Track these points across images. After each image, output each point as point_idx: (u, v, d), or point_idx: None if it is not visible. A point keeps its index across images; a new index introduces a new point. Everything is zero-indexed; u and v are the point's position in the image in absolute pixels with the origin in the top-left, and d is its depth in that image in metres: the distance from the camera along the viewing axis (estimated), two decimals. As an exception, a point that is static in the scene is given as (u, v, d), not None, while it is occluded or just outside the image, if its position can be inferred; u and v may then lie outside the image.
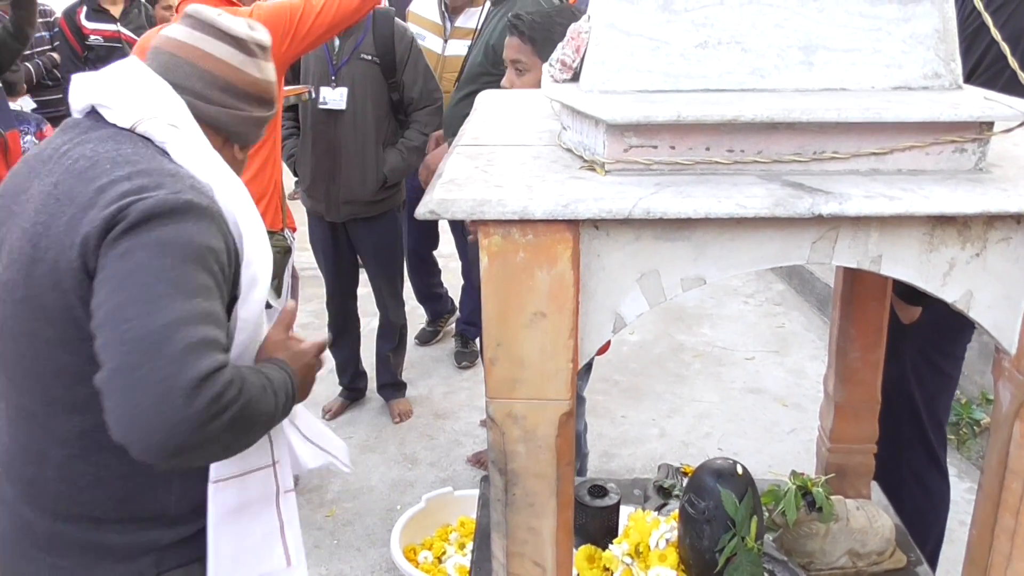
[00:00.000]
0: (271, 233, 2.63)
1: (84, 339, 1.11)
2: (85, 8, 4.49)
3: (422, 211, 1.05)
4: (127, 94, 1.24)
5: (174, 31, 1.32)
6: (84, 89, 1.26)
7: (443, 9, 3.74)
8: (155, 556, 1.28)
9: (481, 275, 1.09)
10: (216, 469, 1.26)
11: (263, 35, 1.37)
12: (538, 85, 2.41)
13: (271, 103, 1.41)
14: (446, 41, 3.69)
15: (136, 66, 1.29)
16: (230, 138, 1.37)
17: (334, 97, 3.12)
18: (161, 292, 1.07)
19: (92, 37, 4.44)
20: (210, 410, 1.05)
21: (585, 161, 1.20)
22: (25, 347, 1.19)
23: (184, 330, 1.06)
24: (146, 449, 1.04)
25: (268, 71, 1.38)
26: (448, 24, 3.74)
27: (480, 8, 3.73)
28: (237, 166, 1.40)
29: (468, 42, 3.62)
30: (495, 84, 2.49)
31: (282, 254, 2.64)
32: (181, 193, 1.14)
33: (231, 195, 1.25)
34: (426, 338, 4.32)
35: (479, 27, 3.20)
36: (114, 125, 1.23)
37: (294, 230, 2.85)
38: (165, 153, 1.22)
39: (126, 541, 1.26)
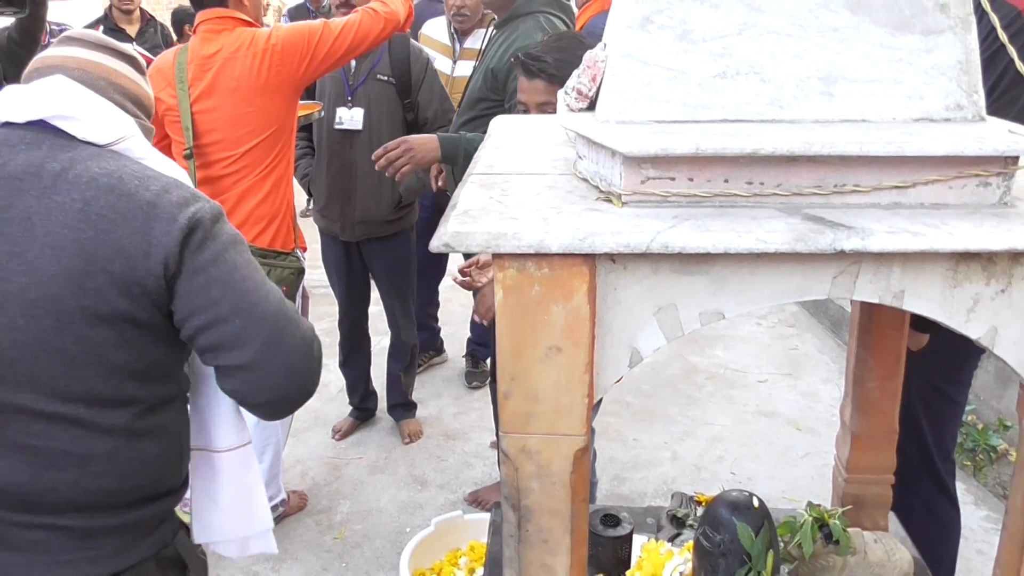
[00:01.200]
0: (283, 254, 2.63)
1: (139, 337, 1.30)
2: (102, 28, 4.54)
3: (436, 244, 1.03)
4: (92, 108, 1.34)
5: (69, 52, 1.41)
6: (30, 101, 1.32)
7: (452, 31, 3.76)
8: (168, 524, 1.46)
9: (496, 308, 1.08)
10: (226, 439, 1.53)
11: (143, 61, 1.58)
12: None
13: (151, 116, 1.59)
14: (455, 62, 3.71)
15: (70, 81, 1.36)
16: None
17: (350, 117, 3.12)
18: (260, 279, 1.35)
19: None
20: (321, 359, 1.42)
21: (601, 192, 1.18)
22: (75, 355, 1.27)
23: (287, 302, 1.38)
24: (304, 394, 1.39)
25: (150, 88, 1.57)
26: (457, 45, 3.76)
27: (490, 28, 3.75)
28: None
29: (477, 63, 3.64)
30: (495, 109, 2.47)
31: (296, 275, 2.64)
32: (209, 199, 1.37)
33: None
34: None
35: (482, 49, 3.19)
36: (85, 141, 1.31)
37: (304, 250, 2.85)
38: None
39: (152, 513, 1.41)
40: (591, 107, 1.28)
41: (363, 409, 3.70)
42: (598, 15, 5.33)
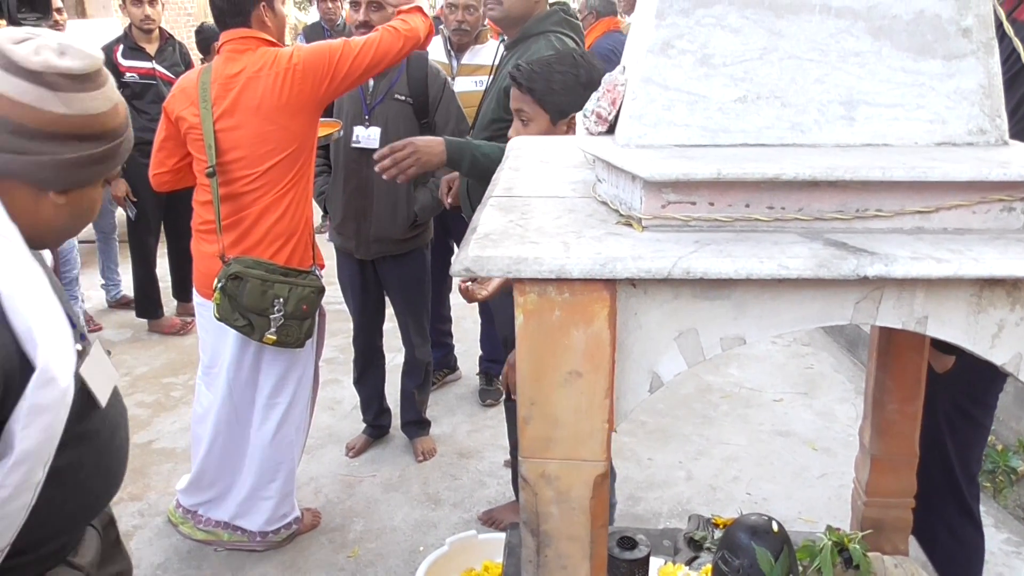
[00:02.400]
0: (303, 272, 2.64)
1: None
2: (122, 46, 4.58)
3: (457, 268, 1.04)
4: None
5: None
6: None
7: (449, 48, 3.81)
8: None
9: (516, 333, 1.08)
10: None
11: (72, 62, 1.17)
12: (542, 134, 2.40)
13: (95, 137, 1.22)
14: (454, 79, 3.74)
15: None
16: (42, 185, 1.21)
17: (367, 136, 3.14)
18: None
19: (128, 74, 4.52)
20: None
21: (621, 215, 1.18)
22: None
23: None
24: None
25: (80, 103, 1.19)
26: (455, 62, 3.81)
27: (485, 44, 3.80)
28: (67, 212, 1.28)
29: (475, 78, 3.72)
30: (507, 129, 2.48)
31: (316, 294, 2.65)
32: None
33: (23, 302, 1.15)
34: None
35: (494, 65, 3.20)
36: None
37: (323, 267, 2.86)
38: None
39: None
40: (611, 130, 1.28)
41: (377, 426, 3.69)
42: (604, 35, 5.41)
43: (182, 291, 5.14)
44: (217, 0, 2.57)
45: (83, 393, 1.28)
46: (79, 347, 1.27)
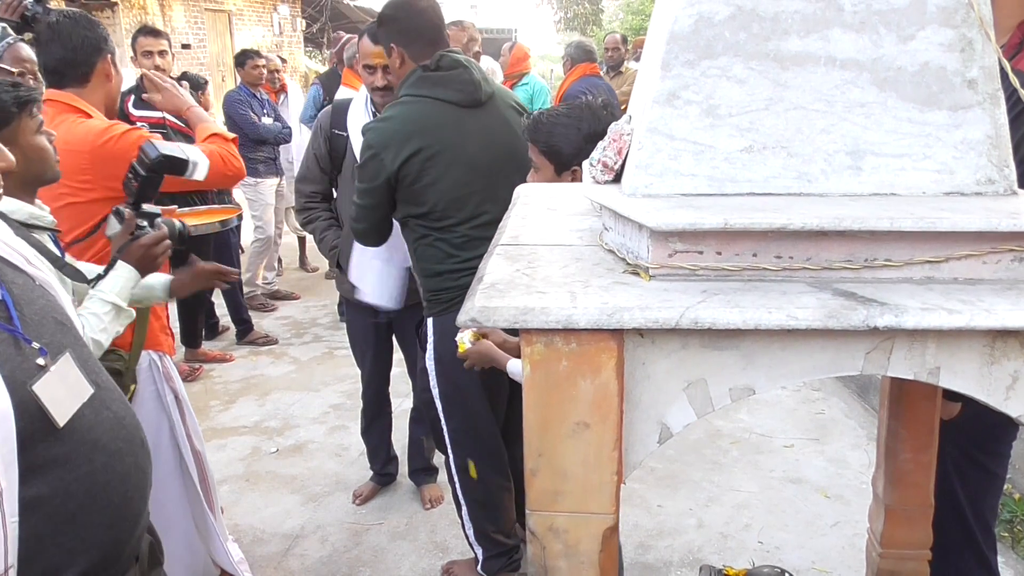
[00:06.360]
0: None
1: None
2: (133, 97, 4.65)
3: (463, 319, 1.03)
4: None
5: None
6: None
7: None
8: None
9: (523, 383, 1.07)
10: None
11: None
12: (549, 182, 2.36)
13: None
14: None
15: None
16: None
17: None
18: None
19: (139, 124, 4.58)
20: None
21: (628, 264, 1.18)
22: None
23: None
24: None
25: None
26: None
27: None
28: None
29: None
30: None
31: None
32: None
33: None
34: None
35: None
36: None
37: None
38: None
39: None
40: (617, 179, 1.29)
41: (385, 474, 3.65)
42: (580, 79, 5.70)
43: (191, 338, 5.15)
44: (55, 51, 2.23)
45: (42, 413, 1.24)
46: (41, 362, 1.25)
